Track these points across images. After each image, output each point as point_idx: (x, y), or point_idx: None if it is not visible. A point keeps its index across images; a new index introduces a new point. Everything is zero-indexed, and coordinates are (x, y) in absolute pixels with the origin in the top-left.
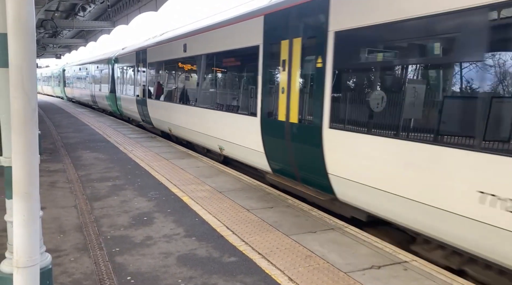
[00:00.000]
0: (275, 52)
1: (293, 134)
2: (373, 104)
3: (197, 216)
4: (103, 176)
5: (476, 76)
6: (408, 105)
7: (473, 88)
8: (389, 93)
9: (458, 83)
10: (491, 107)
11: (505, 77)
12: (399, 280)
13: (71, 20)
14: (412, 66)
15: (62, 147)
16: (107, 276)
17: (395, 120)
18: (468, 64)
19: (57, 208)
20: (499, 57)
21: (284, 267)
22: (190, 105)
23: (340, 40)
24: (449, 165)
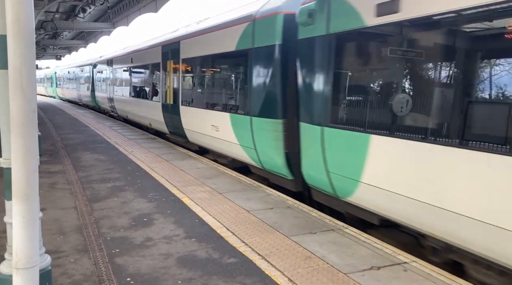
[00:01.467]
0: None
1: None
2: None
3: (197, 217)
4: (103, 177)
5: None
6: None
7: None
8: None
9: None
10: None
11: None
12: (399, 281)
13: (71, 22)
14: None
15: (62, 148)
16: (107, 277)
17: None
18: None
19: (57, 209)
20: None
21: (284, 268)
22: (124, 96)
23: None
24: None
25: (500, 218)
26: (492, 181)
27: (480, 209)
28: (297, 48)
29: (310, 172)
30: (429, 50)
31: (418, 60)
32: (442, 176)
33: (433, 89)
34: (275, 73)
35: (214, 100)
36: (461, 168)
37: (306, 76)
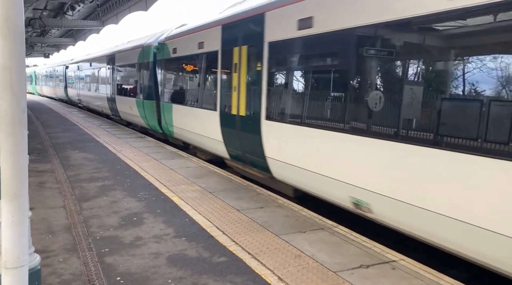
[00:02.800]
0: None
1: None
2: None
3: (187, 217)
4: (92, 176)
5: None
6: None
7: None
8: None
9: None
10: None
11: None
12: (388, 279)
13: (59, 19)
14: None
15: (51, 147)
16: (97, 276)
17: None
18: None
19: (46, 208)
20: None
21: (274, 267)
22: (75, 88)
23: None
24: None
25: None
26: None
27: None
28: (156, 63)
29: (164, 126)
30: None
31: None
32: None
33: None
34: (151, 75)
35: (127, 92)
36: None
37: (160, 78)
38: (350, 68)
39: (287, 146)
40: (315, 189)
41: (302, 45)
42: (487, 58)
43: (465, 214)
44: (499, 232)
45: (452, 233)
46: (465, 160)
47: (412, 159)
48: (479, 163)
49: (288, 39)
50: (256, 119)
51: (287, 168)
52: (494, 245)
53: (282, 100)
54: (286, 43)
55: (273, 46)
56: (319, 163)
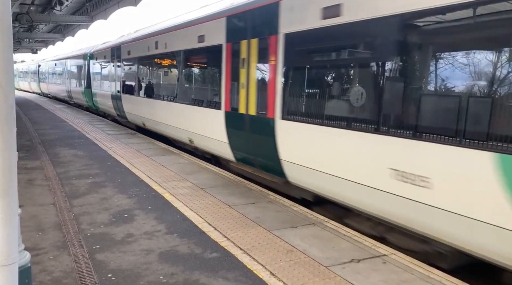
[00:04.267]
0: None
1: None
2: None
3: (178, 213)
4: (82, 173)
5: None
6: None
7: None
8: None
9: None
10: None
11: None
12: (379, 273)
13: (47, 14)
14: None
15: (40, 144)
16: (88, 273)
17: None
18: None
19: (35, 205)
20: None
21: (265, 262)
22: (55, 85)
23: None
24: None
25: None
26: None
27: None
28: (89, 65)
29: (95, 104)
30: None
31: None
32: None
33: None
34: (87, 72)
35: (77, 84)
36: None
37: (91, 74)
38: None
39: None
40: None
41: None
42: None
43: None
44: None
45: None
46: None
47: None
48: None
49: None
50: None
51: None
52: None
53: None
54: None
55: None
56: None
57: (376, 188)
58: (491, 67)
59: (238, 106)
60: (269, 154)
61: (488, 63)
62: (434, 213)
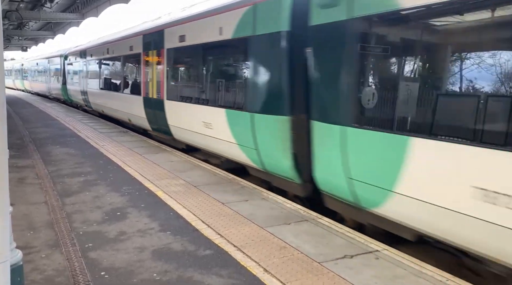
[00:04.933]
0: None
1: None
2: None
3: (171, 211)
4: (74, 171)
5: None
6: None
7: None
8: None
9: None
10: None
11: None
12: (371, 269)
13: (37, 12)
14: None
15: (31, 142)
16: (80, 272)
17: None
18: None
19: (27, 204)
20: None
21: (259, 259)
22: (28, 81)
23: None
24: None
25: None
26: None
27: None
28: (65, 65)
29: (68, 98)
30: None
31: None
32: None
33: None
34: (63, 71)
35: (57, 81)
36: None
37: (66, 72)
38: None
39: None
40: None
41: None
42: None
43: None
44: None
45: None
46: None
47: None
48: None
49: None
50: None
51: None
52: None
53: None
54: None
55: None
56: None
57: (199, 132)
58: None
59: (148, 93)
60: (163, 121)
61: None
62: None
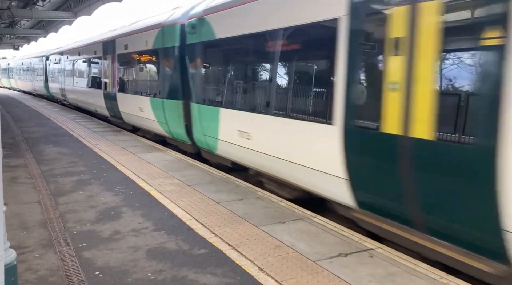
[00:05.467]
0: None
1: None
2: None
3: (166, 210)
4: (68, 171)
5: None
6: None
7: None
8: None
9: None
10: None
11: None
12: (366, 267)
13: (29, 10)
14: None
15: (23, 142)
16: (74, 271)
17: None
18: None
19: (20, 204)
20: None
21: (254, 257)
22: (13, 79)
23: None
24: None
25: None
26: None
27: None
28: (47, 65)
29: (49, 91)
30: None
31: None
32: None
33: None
34: (45, 71)
35: (40, 79)
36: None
37: (48, 72)
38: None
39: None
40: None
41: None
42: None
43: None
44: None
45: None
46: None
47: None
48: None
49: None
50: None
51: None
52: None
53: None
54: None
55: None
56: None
57: (138, 115)
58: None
59: (106, 88)
60: (117, 109)
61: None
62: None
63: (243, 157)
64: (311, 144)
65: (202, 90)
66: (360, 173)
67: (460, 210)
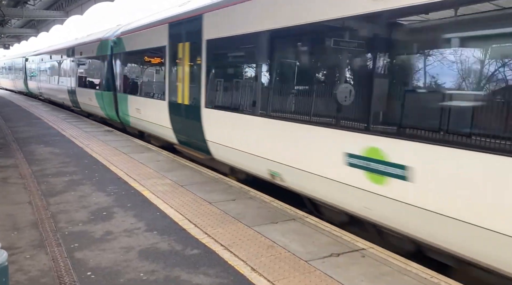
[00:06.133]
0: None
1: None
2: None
3: (158, 210)
4: (59, 171)
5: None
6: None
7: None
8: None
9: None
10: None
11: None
12: (357, 267)
13: (20, 9)
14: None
15: (14, 142)
16: (66, 272)
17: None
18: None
19: (10, 204)
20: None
21: (246, 258)
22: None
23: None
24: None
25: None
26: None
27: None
28: (26, 66)
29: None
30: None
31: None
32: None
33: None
34: (24, 70)
35: (16, 78)
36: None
37: (27, 70)
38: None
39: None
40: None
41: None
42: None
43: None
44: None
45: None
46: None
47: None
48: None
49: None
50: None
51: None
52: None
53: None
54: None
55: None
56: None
57: (89, 104)
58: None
59: (70, 84)
60: (76, 100)
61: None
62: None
63: (140, 124)
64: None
65: (121, 84)
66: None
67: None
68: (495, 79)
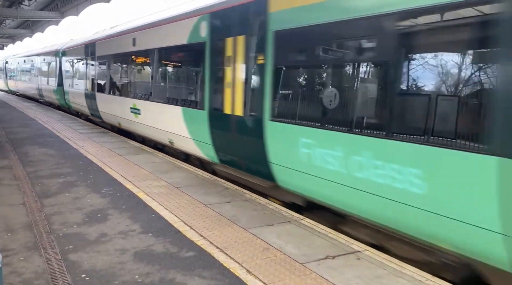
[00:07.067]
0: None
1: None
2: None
3: (153, 212)
4: (54, 172)
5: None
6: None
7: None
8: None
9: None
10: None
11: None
12: (353, 269)
13: (14, 9)
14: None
15: (8, 143)
16: (60, 274)
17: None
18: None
19: (4, 206)
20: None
21: (242, 260)
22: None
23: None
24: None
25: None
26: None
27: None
28: (5, 66)
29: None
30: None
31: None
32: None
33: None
34: (4, 70)
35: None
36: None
37: (7, 71)
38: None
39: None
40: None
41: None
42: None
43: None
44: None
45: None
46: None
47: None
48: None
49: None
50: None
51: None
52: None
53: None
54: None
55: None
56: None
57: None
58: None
59: (38, 82)
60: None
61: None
62: None
63: (83, 110)
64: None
65: (65, 81)
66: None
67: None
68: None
